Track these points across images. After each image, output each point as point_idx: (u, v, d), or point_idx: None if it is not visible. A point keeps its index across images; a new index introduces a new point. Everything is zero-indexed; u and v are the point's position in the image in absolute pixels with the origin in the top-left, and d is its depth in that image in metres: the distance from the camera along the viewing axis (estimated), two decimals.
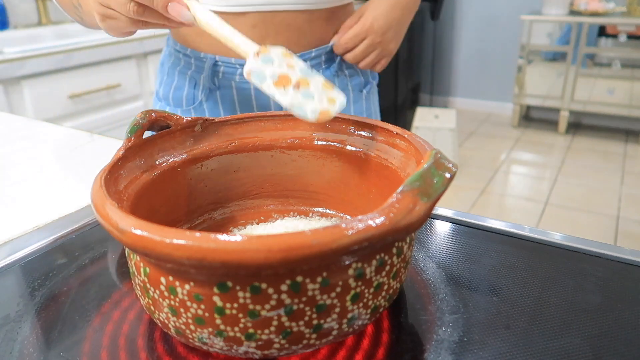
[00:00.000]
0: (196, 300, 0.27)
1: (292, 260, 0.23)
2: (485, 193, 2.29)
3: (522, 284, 0.39)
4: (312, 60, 0.67)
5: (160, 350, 0.33)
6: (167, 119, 0.41)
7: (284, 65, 0.40)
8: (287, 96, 0.39)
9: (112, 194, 0.32)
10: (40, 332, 0.35)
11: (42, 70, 1.39)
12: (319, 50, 0.67)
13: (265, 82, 0.39)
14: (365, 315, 0.30)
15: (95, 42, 1.52)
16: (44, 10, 1.82)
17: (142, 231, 0.25)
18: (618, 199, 2.20)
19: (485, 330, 0.34)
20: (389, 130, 0.40)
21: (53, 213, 0.52)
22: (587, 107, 2.86)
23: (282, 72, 0.40)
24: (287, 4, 0.61)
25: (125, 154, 0.37)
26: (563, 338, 0.33)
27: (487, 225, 0.47)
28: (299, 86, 0.39)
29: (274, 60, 0.40)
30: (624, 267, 0.40)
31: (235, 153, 0.45)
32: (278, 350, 0.28)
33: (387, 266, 0.29)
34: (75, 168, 0.65)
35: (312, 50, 0.66)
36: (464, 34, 3.37)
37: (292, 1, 0.61)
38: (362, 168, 0.43)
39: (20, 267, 0.43)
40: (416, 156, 0.35)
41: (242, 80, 0.66)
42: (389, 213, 0.25)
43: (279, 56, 0.41)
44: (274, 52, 0.41)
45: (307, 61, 0.65)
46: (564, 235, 0.44)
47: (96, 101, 1.56)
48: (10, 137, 0.77)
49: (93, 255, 0.44)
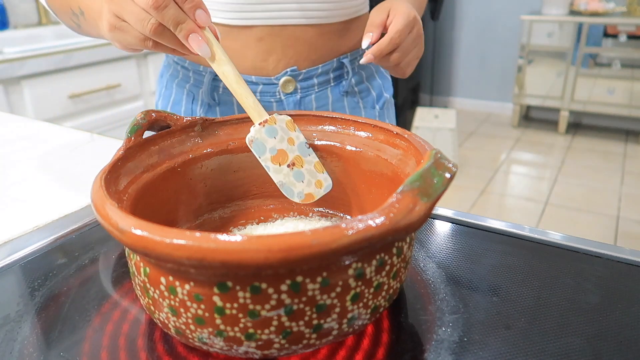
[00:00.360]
0: (196, 300, 0.27)
1: (292, 260, 0.23)
2: (485, 193, 2.29)
3: (522, 284, 0.39)
4: (319, 76, 0.63)
5: (160, 350, 0.33)
6: (167, 119, 0.41)
7: (284, 140, 0.43)
8: (280, 174, 0.43)
9: (112, 194, 0.32)
10: (40, 332, 0.35)
11: (42, 70, 1.39)
12: (326, 65, 0.63)
13: (264, 156, 0.43)
14: (365, 315, 0.30)
15: (95, 42, 1.52)
16: (44, 10, 1.82)
17: (142, 231, 0.25)
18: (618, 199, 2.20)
19: (485, 330, 0.34)
20: (389, 130, 0.40)
21: (53, 213, 0.52)
22: (587, 107, 2.86)
23: (281, 148, 0.43)
24: (295, 18, 0.58)
25: (125, 154, 0.37)
26: (563, 338, 0.33)
27: (487, 225, 0.47)
28: (293, 165, 0.43)
29: (277, 132, 0.43)
30: (624, 267, 0.40)
31: (235, 153, 0.45)
32: (278, 350, 0.28)
33: (387, 266, 0.29)
34: (75, 168, 0.65)
35: (318, 67, 0.62)
36: (464, 34, 3.37)
37: (300, 15, 0.58)
38: (362, 168, 0.43)
39: (20, 267, 0.43)
40: (416, 156, 0.35)
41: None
42: (389, 213, 0.25)
43: (283, 128, 0.43)
44: (279, 123, 0.43)
45: (313, 78, 0.62)
46: (564, 235, 0.44)
47: (96, 101, 1.56)
48: (10, 137, 0.77)
49: (93, 255, 0.44)
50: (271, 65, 0.60)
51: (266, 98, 0.62)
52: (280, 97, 0.62)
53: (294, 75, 0.61)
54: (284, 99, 0.62)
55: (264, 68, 0.60)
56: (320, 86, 0.64)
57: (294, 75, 0.61)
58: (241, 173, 0.46)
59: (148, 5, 0.38)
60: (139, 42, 0.41)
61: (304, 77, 0.62)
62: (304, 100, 0.63)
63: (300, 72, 0.61)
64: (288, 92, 0.61)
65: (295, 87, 0.62)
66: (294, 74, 0.61)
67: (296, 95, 0.62)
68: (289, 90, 0.61)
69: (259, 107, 0.43)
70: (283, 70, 0.60)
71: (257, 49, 0.59)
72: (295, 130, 0.44)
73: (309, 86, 0.63)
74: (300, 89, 0.62)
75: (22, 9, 1.79)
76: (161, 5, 0.38)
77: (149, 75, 1.71)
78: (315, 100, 0.64)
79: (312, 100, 0.64)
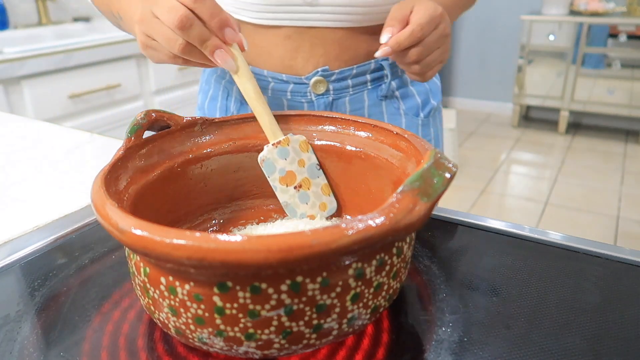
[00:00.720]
0: (196, 300, 0.27)
1: (292, 260, 0.23)
2: (485, 193, 2.29)
3: (522, 284, 0.39)
4: (354, 78, 0.60)
5: (160, 350, 0.33)
6: (167, 119, 0.41)
7: (295, 162, 0.44)
8: (286, 194, 0.44)
9: (112, 194, 0.32)
10: (40, 332, 0.35)
11: (42, 70, 1.39)
12: (362, 66, 0.59)
13: (273, 175, 0.44)
14: (365, 315, 0.30)
15: (95, 42, 1.52)
16: (44, 10, 1.82)
17: (142, 231, 0.25)
18: (618, 199, 2.20)
19: (485, 330, 0.34)
20: (389, 130, 0.40)
21: (53, 213, 0.52)
22: (587, 107, 2.86)
23: (290, 169, 0.44)
24: (323, 21, 0.56)
25: (125, 154, 0.37)
26: (563, 338, 0.33)
27: (487, 225, 0.47)
28: (300, 187, 0.44)
29: (289, 154, 0.44)
30: (624, 267, 0.40)
31: (235, 153, 0.45)
32: (278, 350, 0.28)
33: (387, 266, 0.29)
34: (75, 168, 0.65)
35: (353, 67, 0.59)
36: (464, 34, 3.37)
37: (328, 18, 0.55)
38: (362, 168, 0.43)
39: (20, 267, 0.43)
40: (416, 156, 0.35)
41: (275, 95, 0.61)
42: (389, 213, 0.25)
43: (296, 149, 0.44)
44: (292, 144, 0.44)
45: (347, 79, 0.59)
46: (564, 235, 0.44)
47: (96, 101, 1.56)
48: (10, 137, 0.77)
49: (93, 255, 0.44)
50: (300, 63, 0.58)
51: (297, 98, 0.60)
52: (311, 98, 0.60)
53: (325, 75, 0.58)
54: (314, 100, 0.60)
55: (292, 66, 0.59)
56: (356, 88, 0.61)
57: (325, 75, 0.58)
58: (241, 173, 0.46)
59: (173, 25, 0.38)
60: (169, 59, 0.43)
61: (337, 78, 0.59)
62: (337, 103, 0.61)
63: (333, 72, 0.59)
64: (319, 93, 0.59)
65: (327, 88, 0.59)
66: (326, 74, 0.58)
67: (328, 96, 0.60)
68: (320, 91, 0.59)
69: (275, 126, 0.44)
70: (313, 69, 0.58)
71: (285, 47, 0.58)
72: (307, 151, 0.44)
73: (342, 88, 0.60)
74: (333, 90, 0.60)
75: (22, 9, 1.79)
76: (186, 25, 0.38)
77: (149, 75, 1.71)
78: (350, 103, 0.61)
79: (345, 102, 0.61)
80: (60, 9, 1.90)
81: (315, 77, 0.58)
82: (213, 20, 0.39)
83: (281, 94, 0.61)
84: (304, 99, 0.60)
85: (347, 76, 0.59)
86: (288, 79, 0.59)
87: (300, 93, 0.60)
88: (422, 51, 0.48)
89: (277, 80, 0.60)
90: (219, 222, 0.46)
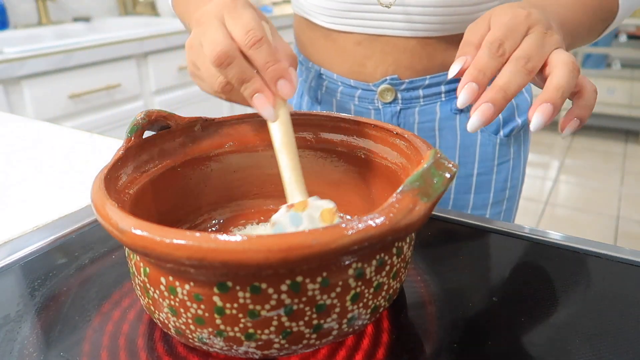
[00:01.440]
0: (196, 300, 0.27)
1: (292, 260, 0.23)
2: None
3: (522, 284, 0.39)
4: (426, 88, 0.56)
5: (160, 350, 0.33)
6: (167, 119, 0.41)
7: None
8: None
9: (112, 194, 0.32)
10: (40, 332, 0.35)
11: (42, 70, 1.39)
12: (436, 77, 0.55)
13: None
14: (365, 315, 0.30)
15: (95, 42, 1.52)
16: (44, 10, 1.82)
17: (142, 231, 0.25)
18: (618, 199, 2.20)
19: (485, 330, 0.34)
20: (389, 130, 0.40)
21: (53, 213, 0.52)
22: None
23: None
24: (395, 29, 0.53)
25: (125, 154, 0.37)
26: (563, 338, 0.33)
27: (487, 225, 0.47)
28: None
29: (301, 221, 0.35)
30: (624, 267, 0.40)
31: (235, 153, 0.45)
32: (278, 350, 0.28)
33: (387, 266, 0.29)
34: (75, 168, 0.65)
35: (425, 78, 0.55)
36: None
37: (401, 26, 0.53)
38: (362, 168, 0.43)
39: (20, 267, 0.43)
40: (416, 156, 0.35)
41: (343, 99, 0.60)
42: (389, 213, 0.25)
43: (313, 218, 0.35)
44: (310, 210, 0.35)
45: (418, 89, 0.56)
46: (564, 235, 0.44)
47: (96, 101, 1.56)
48: (10, 137, 0.77)
49: (93, 255, 0.44)
50: (369, 70, 0.56)
51: (364, 104, 0.59)
52: (378, 106, 0.58)
53: (394, 83, 0.56)
54: (381, 108, 0.58)
55: (361, 72, 0.57)
56: (427, 99, 0.57)
57: (394, 83, 0.56)
58: (241, 173, 0.46)
59: (211, 62, 0.34)
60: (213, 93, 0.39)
61: (407, 88, 0.56)
62: (405, 113, 0.58)
63: (402, 81, 0.56)
64: (387, 102, 0.57)
65: (396, 97, 0.57)
66: (394, 83, 0.56)
67: (396, 106, 0.57)
68: (388, 100, 0.57)
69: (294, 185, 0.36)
70: (381, 77, 0.56)
71: (355, 53, 0.56)
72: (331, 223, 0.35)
73: (412, 98, 0.57)
74: (402, 99, 0.57)
75: (22, 9, 1.79)
76: (224, 62, 0.34)
77: (149, 75, 1.71)
78: (419, 114, 0.58)
79: (414, 113, 0.58)
80: (60, 9, 1.90)
81: (383, 85, 0.56)
82: (268, 69, 0.35)
83: (349, 98, 0.60)
84: (371, 105, 0.59)
85: (419, 86, 0.56)
86: (356, 85, 0.58)
87: (368, 100, 0.58)
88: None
89: (346, 84, 0.59)
90: (219, 222, 0.46)
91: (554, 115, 0.33)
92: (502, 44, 0.35)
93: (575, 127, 0.36)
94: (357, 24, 0.54)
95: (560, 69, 0.34)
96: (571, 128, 0.36)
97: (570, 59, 0.34)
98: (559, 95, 0.33)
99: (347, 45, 0.56)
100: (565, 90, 0.33)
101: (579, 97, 0.36)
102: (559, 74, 0.34)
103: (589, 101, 0.36)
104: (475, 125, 0.34)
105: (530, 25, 0.36)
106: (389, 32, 0.54)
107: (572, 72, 0.34)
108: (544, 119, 0.33)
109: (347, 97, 0.60)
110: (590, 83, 0.36)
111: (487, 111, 0.33)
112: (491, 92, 0.34)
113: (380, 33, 0.54)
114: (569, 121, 0.36)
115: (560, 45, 0.36)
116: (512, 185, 0.64)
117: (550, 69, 0.34)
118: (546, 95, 0.33)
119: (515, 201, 0.66)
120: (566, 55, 0.34)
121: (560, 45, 0.36)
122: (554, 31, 0.36)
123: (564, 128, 0.36)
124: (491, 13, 0.38)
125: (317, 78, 0.61)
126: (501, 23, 0.36)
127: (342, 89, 0.60)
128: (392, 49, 0.55)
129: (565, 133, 0.37)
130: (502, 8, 0.38)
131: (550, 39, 0.36)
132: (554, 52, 0.35)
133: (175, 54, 1.76)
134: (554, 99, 0.33)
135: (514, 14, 0.36)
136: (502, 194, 0.63)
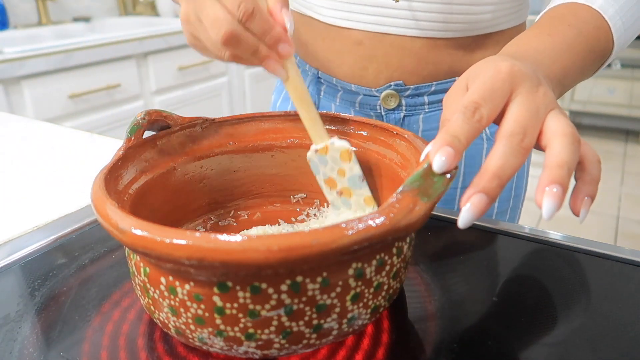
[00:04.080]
0: (196, 300, 0.27)
1: (292, 260, 0.23)
2: None
3: (522, 284, 0.39)
4: (431, 95, 0.54)
5: (160, 350, 0.33)
6: (167, 119, 0.41)
7: (335, 170, 0.42)
8: (331, 196, 0.44)
9: (112, 194, 0.32)
10: (40, 332, 0.35)
11: (42, 70, 1.39)
12: (443, 84, 0.53)
13: (318, 176, 0.43)
14: (365, 315, 0.30)
15: (95, 42, 1.52)
16: (44, 10, 1.82)
17: (142, 231, 0.25)
18: (618, 199, 2.20)
19: (485, 331, 0.34)
20: (389, 130, 0.40)
21: (53, 213, 0.52)
22: (587, 107, 2.86)
23: (331, 176, 0.43)
24: (401, 27, 0.50)
25: (125, 154, 0.37)
26: (563, 338, 0.33)
27: (487, 225, 0.47)
28: (341, 194, 0.43)
29: (327, 162, 0.42)
30: (624, 267, 0.40)
31: (235, 153, 0.45)
32: (278, 350, 0.28)
33: (387, 266, 0.29)
34: (75, 168, 0.65)
35: (431, 84, 0.53)
36: None
37: (408, 24, 0.50)
38: (362, 168, 0.43)
39: (20, 267, 0.43)
40: (416, 156, 0.35)
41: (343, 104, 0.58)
42: (389, 213, 0.25)
43: (335, 159, 0.42)
44: (331, 153, 0.41)
45: (423, 96, 0.54)
46: (564, 235, 0.44)
47: (96, 101, 1.56)
48: (10, 137, 0.77)
49: (93, 255, 0.44)
50: (371, 74, 0.54)
51: (365, 110, 0.57)
52: (380, 112, 0.56)
53: (398, 89, 0.54)
54: (384, 115, 0.56)
55: (363, 77, 0.54)
56: (432, 106, 0.55)
57: (398, 89, 0.54)
58: (241, 173, 0.46)
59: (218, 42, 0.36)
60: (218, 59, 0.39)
61: (412, 94, 0.54)
62: (409, 120, 0.56)
63: (407, 87, 0.54)
64: (390, 108, 0.55)
65: (400, 104, 0.55)
66: (399, 89, 0.54)
67: (400, 112, 0.56)
68: (391, 106, 0.55)
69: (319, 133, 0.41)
70: (385, 82, 0.54)
71: (356, 54, 0.53)
72: (350, 161, 0.41)
73: (416, 104, 0.55)
74: (406, 106, 0.55)
75: (22, 9, 1.79)
76: (232, 42, 0.36)
77: (149, 75, 1.72)
78: (424, 121, 0.56)
79: (418, 120, 0.56)
80: (60, 9, 1.90)
81: (386, 91, 0.54)
82: (265, 37, 0.37)
83: (349, 104, 0.58)
84: (372, 112, 0.57)
85: (424, 92, 0.54)
86: (357, 90, 0.56)
87: (370, 106, 0.56)
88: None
89: (346, 90, 0.57)
90: (219, 222, 0.46)
91: (564, 197, 0.28)
92: (478, 108, 0.30)
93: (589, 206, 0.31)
94: (360, 19, 0.52)
95: (561, 142, 0.29)
96: (586, 209, 0.31)
97: (570, 129, 0.30)
98: (565, 173, 0.28)
99: (347, 45, 0.54)
100: (570, 167, 0.29)
101: (582, 170, 0.31)
102: (559, 149, 0.29)
103: (594, 174, 0.31)
104: (467, 221, 0.28)
105: (515, 83, 0.31)
106: (393, 31, 0.51)
107: (573, 144, 0.29)
108: (555, 204, 0.28)
109: (347, 102, 0.58)
110: (591, 151, 0.32)
111: (480, 203, 0.28)
112: (483, 179, 0.28)
113: (383, 31, 0.51)
114: (580, 202, 0.31)
115: (554, 105, 0.32)
116: (516, 195, 0.63)
117: (547, 140, 0.30)
118: (551, 176, 0.28)
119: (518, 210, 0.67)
120: (564, 123, 0.30)
121: (555, 104, 0.32)
122: (545, 87, 0.32)
123: (578, 212, 0.31)
124: (468, 74, 0.34)
125: (315, 82, 0.59)
126: (479, 83, 0.31)
127: (341, 94, 0.57)
128: (396, 50, 0.52)
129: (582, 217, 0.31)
130: (478, 66, 0.33)
131: (543, 99, 0.31)
132: (549, 116, 0.31)
133: (175, 54, 1.76)
134: (560, 179, 0.28)
135: (495, 70, 0.31)
136: (506, 203, 0.62)
